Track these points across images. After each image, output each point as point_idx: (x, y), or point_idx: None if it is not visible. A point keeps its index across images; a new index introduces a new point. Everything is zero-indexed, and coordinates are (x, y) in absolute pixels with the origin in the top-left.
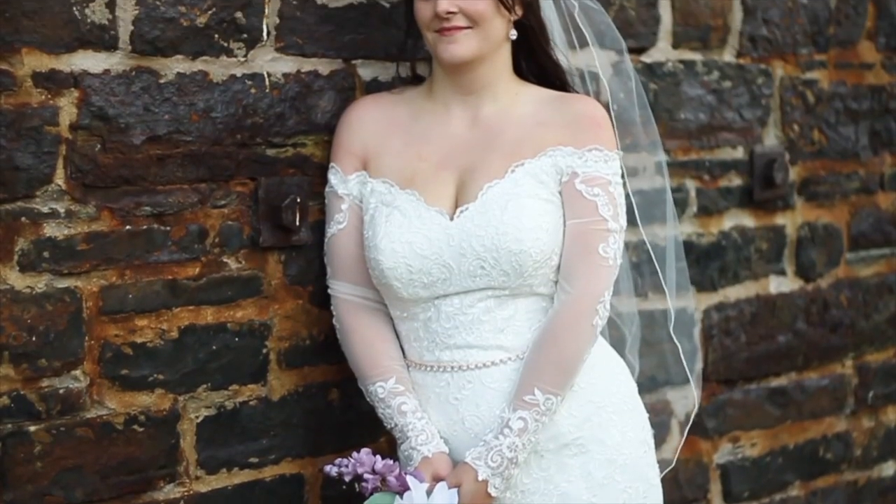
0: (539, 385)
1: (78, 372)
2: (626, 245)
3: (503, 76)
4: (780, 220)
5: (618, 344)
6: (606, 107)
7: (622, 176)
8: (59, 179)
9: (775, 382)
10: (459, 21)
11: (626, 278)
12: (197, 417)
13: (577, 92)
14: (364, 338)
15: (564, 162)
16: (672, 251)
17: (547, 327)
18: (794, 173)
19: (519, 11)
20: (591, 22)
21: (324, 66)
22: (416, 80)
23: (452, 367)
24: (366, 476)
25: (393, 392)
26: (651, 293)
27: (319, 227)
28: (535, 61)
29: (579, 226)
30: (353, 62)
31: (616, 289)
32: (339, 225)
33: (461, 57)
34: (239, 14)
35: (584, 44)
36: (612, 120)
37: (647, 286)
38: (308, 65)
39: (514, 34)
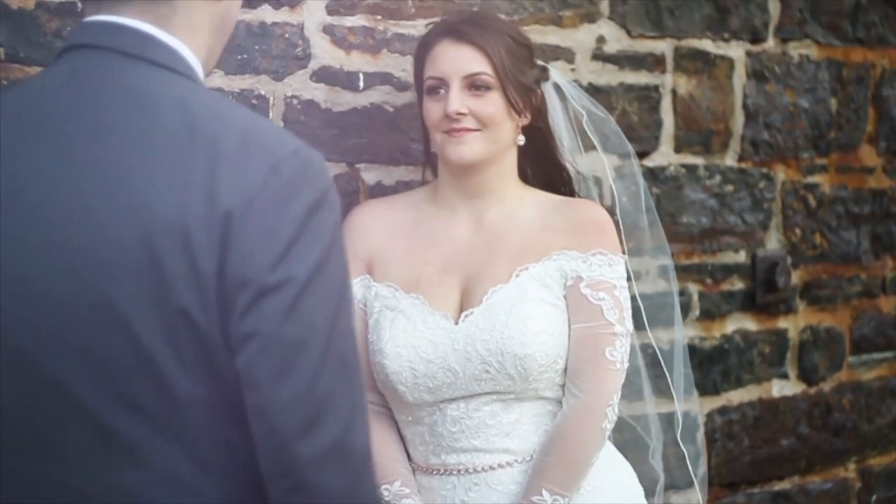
0: (547, 486)
1: None
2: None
3: (509, 180)
4: (783, 323)
5: (636, 448)
6: (610, 210)
7: (628, 279)
8: None
9: (778, 486)
10: (469, 123)
11: (647, 382)
12: None
13: (582, 197)
14: None
15: (569, 266)
16: (679, 355)
17: (556, 430)
18: (796, 277)
19: (528, 116)
20: (597, 129)
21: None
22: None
23: (458, 471)
24: None
25: (398, 495)
26: (655, 397)
27: None
28: (541, 168)
29: (585, 330)
30: (357, 166)
31: (633, 392)
32: None
33: (469, 158)
34: None
35: (588, 148)
36: (618, 223)
37: (651, 390)
38: None
39: (521, 139)
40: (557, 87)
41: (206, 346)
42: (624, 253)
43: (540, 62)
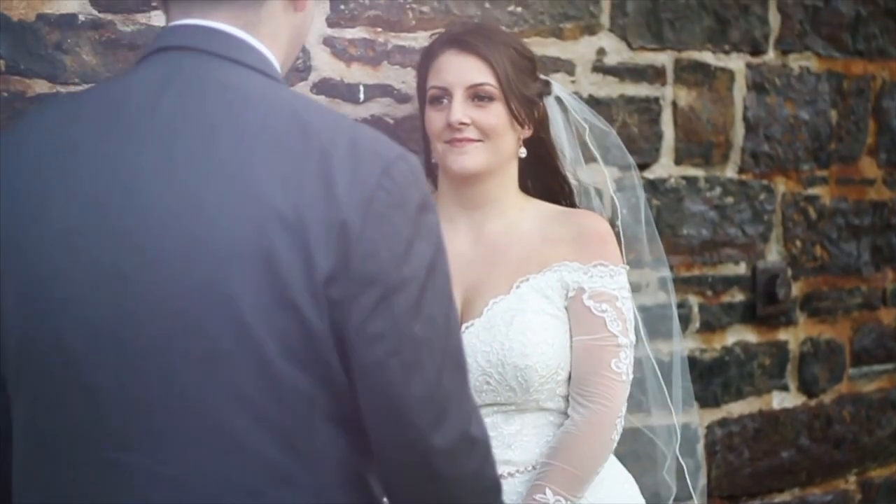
0: (551, 486)
1: None
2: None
3: (510, 192)
4: (783, 335)
5: (636, 460)
6: (611, 222)
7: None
8: None
9: (779, 499)
10: (471, 133)
11: (656, 393)
12: None
13: (583, 208)
14: None
15: (570, 277)
16: (678, 368)
17: (565, 436)
18: (796, 289)
19: (530, 128)
20: (599, 142)
21: None
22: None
23: None
24: None
25: None
26: (654, 409)
27: None
28: (542, 180)
29: (589, 342)
30: None
31: (633, 404)
32: None
33: (471, 169)
34: None
35: (589, 159)
36: (619, 235)
37: (650, 402)
38: None
39: (523, 152)
40: (559, 100)
41: (314, 342)
42: (625, 263)
43: (542, 76)
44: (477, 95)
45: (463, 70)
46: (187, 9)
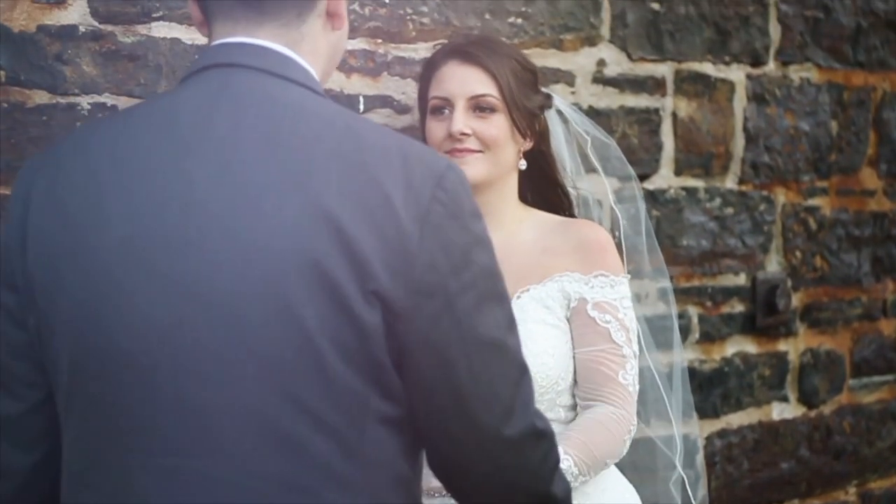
0: (563, 445)
1: None
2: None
3: (510, 203)
4: (783, 346)
5: (634, 471)
6: (611, 233)
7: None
8: None
9: None
10: (472, 144)
11: (657, 403)
12: None
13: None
14: None
15: (572, 288)
16: (679, 378)
17: (586, 419)
18: (796, 300)
19: (531, 141)
20: (600, 153)
21: None
22: None
23: None
24: None
25: None
26: (654, 420)
27: None
28: (541, 192)
29: (595, 354)
30: None
31: (639, 413)
32: None
33: (471, 179)
34: None
35: (590, 170)
36: (620, 245)
37: (650, 413)
38: None
39: (523, 164)
40: (559, 112)
41: (367, 344)
42: (626, 273)
43: (544, 90)
44: (479, 106)
45: (465, 81)
46: (232, 28)
